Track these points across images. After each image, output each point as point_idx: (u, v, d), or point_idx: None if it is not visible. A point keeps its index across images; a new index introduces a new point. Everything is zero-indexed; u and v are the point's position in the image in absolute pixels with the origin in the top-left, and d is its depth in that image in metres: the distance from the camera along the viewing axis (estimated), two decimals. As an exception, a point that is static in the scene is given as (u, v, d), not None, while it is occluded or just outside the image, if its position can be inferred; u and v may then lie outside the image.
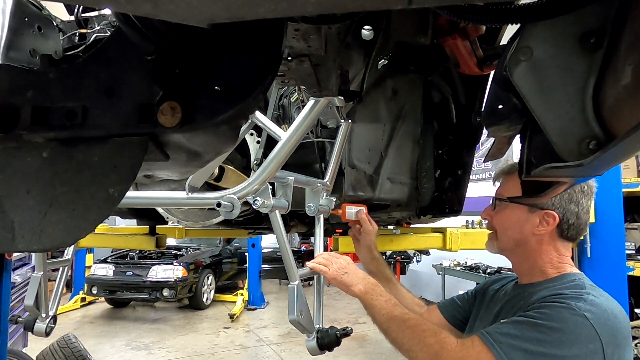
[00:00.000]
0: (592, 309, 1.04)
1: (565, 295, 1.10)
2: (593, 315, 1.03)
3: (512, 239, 1.29)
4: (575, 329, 1.01)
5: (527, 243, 1.27)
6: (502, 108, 0.75)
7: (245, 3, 0.45)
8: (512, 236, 1.29)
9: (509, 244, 1.30)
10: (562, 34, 0.63)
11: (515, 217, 1.28)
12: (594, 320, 1.02)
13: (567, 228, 1.24)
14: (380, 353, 6.04)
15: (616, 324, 1.05)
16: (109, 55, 0.70)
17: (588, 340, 1.00)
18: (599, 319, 1.03)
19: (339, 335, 1.53)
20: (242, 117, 0.70)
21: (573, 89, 0.63)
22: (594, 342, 1.00)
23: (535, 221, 1.24)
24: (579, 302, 1.05)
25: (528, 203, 1.24)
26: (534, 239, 1.26)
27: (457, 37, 1.42)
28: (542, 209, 1.23)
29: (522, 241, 1.27)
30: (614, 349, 1.02)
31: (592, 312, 1.03)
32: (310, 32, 0.87)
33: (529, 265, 1.29)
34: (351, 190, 2.00)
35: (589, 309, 1.04)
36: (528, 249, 1.27)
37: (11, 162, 0.69)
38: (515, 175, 1.31)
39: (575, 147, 0.63)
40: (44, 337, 2.08)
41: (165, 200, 1.58)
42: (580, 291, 1.12)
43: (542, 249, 1.26)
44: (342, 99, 1.34)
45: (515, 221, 1.28)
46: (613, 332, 1.03)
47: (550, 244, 1.26)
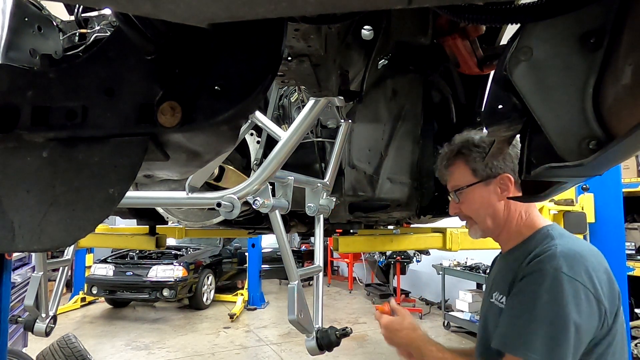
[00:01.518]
0: (562, 261, 1.12)
1: (539, 258, 1.16)
2: (567, 266, 1.11)
3: (487, 215, 1.35)
4: (562, 288, 1.09)
5: (499, 212, 1.33)
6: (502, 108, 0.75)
7: (245, 3, 0.45)
8: (486, 213, 1.35)
9: (487, 221, 1.35)
10: (562, 34, 0.63)
11: (478, 196, 1.34)
12: (568, 270, 1.10)
13: None
14: (380, 353, 6.04)
15: (583, 261, 1.13)
16: (109, 55, 0.70)
17: (575, 290, 1.09)
18: (572, 267, 1.11)
19: (339, 336, 1.53)
20: (242, 117, 0.70)
21: (573, 89, 0.63)
22: (579, 287, 1.09)
23: (497, 190, 1.31)
24: (552, 261, 1.13)
25: (481, 179, 1.32)
26: (502, 205, 1.32)
27: (457, 37, 1.42)
28: (494, 177, 1.31)
29: (495, 214, 1.33)
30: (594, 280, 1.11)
31: (565, 263, 1.11)
32: (310, 32, 0.87)
33: (507, 233, 1.35)
34: (351, 190, 2.00)
35: (560, 263, 1.11)
36: (502, 218, 1.33)
37: (11, 162, 0.69)
38: (456, 163, 1.38)
39: (575, 147, 0.63)
40: (44, 337, 2.08)
41: (165, 200, 1.58)
42: (549, 244, 1.19)
43: (511, 212, 1.32)
44: (342, 99, 1.34)
45: (480, 200, 1.34)
46: (585, 269, 1.11)
47: (517, 205, 1.32)
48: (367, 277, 11.12)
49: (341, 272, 13.15)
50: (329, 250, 10.15)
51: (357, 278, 11.58)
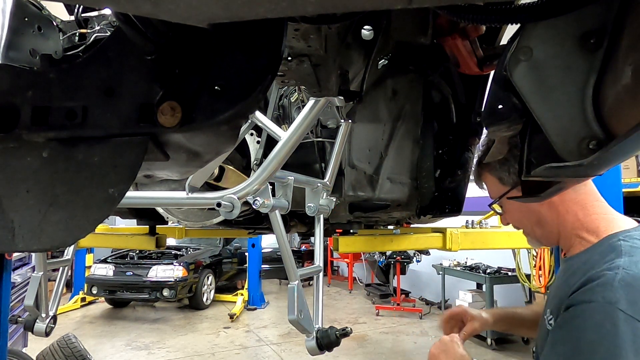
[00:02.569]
0: (621, 293, 0.88)
1: (590, 285, 0.93)
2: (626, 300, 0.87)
3: (532, 224, 1.20)
4: (617, 330, 0.85)
5: (545, 217, 1.16)
6: (502, 108, 0.75)
7: (245, 3, 0.45)
8: (530, 221, 1.20)
9: (535, 230, 1.21)
10: (562, 34, 0.63)
11: (516, 205, 1.20)
12: (627, 306, 0.87)
13: None
14: (380, 353, 6.04)
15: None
16: (109, 55, 0.70)
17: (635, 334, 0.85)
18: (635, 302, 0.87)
19: (339, 336, 1.53)
20: (242, 117, 0.70)
21: (573, 89, 0.63)
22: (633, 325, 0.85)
23: None
24: (607, 291, 0.89)
25: (511, 186, 1.17)
26: (546, 211, 1.15)
27: (457, 37, 1.42)
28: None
29: (540, 219, 1.17)
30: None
31: (624, 295, 0.87)
32: (310, 32, 0.87)
33: (565, 238, 1.15)
34: (351, 190, 2.00)
35: (616, 296, 0.88)
36: (552, 222, 1.15)
37: (11, 162, 0.69)
38: (484, 174, 1.26)
39: (575, 147, 0.63)
40: (44, 337, 2.08)
41: (165, 200, 1.58)
42: (610, 266, 0.94)
43: (562, 216, 1.13)
44: (342, 99, 1.34)
45: (519, 208, 1.20)
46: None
47: (564, 204, 1.12)
48: (367, 277, 11.12)
49: (341, 272, 13.15)
50: (329, 250, 10.15)
51: (357, 278, 11.58)
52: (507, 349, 6.19)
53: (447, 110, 2.32)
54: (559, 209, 1.13)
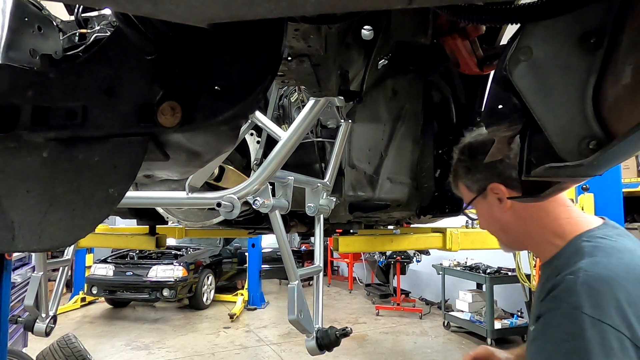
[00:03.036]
0: (584, 297, 0.88)
1: (555, 292, 0.94)
2: (590, 303, 0.87)
3: (498, 230, 1.20)
4: (584, 335, 0.85)
5: (509, 224, 1.15)
6: (502, 108, 0.75)
7: (245, 3, 0.45)
8: (495, 227, 1.20)
9: (501, 236, 1.21)
10: (562, 34, 0.63)
11: (483, 211, 1.21)
12: (592, 309, 0.86)
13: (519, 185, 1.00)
14: (380, 353, 6.04)
15: (616, 291, 0.88)
16: (109, 55, 0.70)
17: (602, 337, 0.84)
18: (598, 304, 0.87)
19: (339, 336, 1.53)
20: (242, 117, 0.70)
21: (573, 89, 0.63)
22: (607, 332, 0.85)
23: (495, 201, 1.14)
24: (570, 297, 0.90)
25: (477, 193, 1.17)
26: (509, 217, 1.14)
27: (457, 37, 1.42)
28: (484, 189, 1.15)
29: (505, 226, 1.17)
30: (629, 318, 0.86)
31: (587, 299, 0.87)
32: (310, 32, 0.87)
33: (534, 245, 1.16)
34: (351, 190, 2.00)
35: (580, 300, 0.88)
36: (517, 229, 1.15)
37: (11, 162, 0.69)
38: (457, 182, 1.25)
39: (575, 147, 0.63)
40: (44, 337, 2.08)
41: (165, 200, 1.58)
42: (572, 270, 0.94)
43: (527, 223, 1.13)
44: (342, 99, 1.34)
45: (486, 214, 1.20)
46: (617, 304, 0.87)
47: (527, 210, 1.11)
48: (367, 277, 11.12)
49: (341, 272, 13.15)
50: (329, 250, 10.15)
51: (357, 278, 11.58)
52: (506, 348, 6.19)
53: (447, 110, 2.32)
54: (522, 216, 1.12)
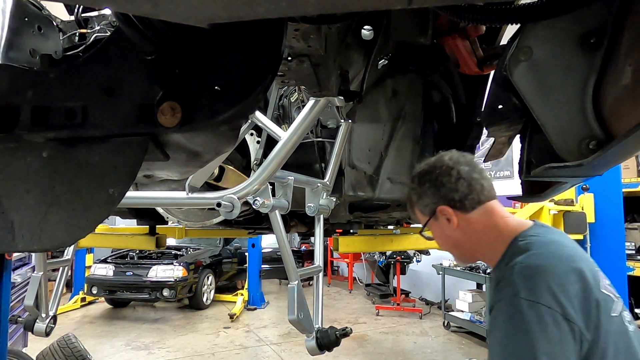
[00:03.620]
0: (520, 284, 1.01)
1: (499, 286, 1.08)
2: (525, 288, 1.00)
3: (451, 247, 1.33)
4: (522, 317, 0.98)
5: (459, 242, 1.28)
6: (502, 108, 0.75)
7: (245, 3, 0.45)
8: (448, 246, 1.33)
9: (454, 252, 1.34)
10: (562, 34, 0.64)
11: (436, 232, 1.33)
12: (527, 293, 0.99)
13: (462, 203, 1.23)
14: (380, 353, 6.04)
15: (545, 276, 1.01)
16: (109, 55, 0.70)
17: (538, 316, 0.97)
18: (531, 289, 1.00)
19: (339, 336, 1.53)
20: (242, 117, 0.70)
21: (573, 89, 0.63)
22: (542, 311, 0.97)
23: (444, 222, 1.27)
24: (509, 287, 1.03)
25: (429, 216, 1.29)
26: (462, 234, 1.26)
27: (457, 37, 1.42)
28: (434, 212, 1.27)
29: (456, 244, 1.30)
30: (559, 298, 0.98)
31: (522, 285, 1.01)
32: (310, 32, 0.87)
33: (482, 254, 1.29)
34: (351, 190, 2.00)
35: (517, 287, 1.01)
36: (466, 245, 1.28)
37: (11, 162, 0.69)
38: (413, 209, 1.36)
39: (575, 147, 0.63)
40: (44, 337, 2.08)
41: (165, 200, 1.58)
42: (510, 265, 1.08)
43: (473, 237, 1.25)
44: (342, 99, 1.34)
45: (438, 235, 1.33)
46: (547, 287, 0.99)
47: (475, 226, 1.24)
48: (367, 277, 11.11)
49: (341, 272, 13.15)
50: (329, 250, 10.14)
51: (357, 278, 11.58)
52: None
53: (447, 110, 2.32)
54: (469, 231, 1.25)
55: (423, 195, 1.28)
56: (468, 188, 1.22)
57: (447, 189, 1.23)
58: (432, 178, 1.25)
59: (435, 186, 1.25)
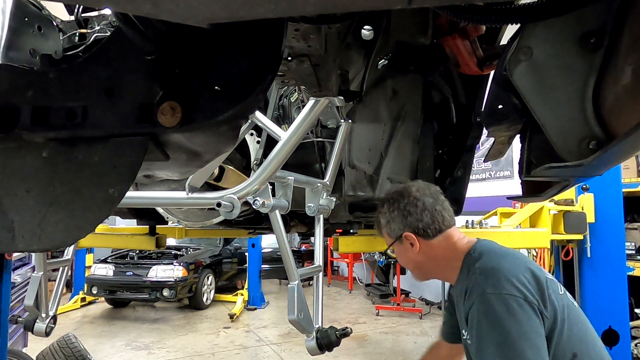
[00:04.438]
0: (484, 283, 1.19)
1: (470, 292, 1.23)
2: (489, 285, 1.17)
3: (413, 268, 1.49)
4: (493, 308, 1.14)
5: (420, 263, 1.44)
6: (502, 108, 0.75)
7: (245, 3, 0.45)
8: (410, 266, 1.49)
9: (415, 272, 1.51)
10: (562, 34, 0.63)
11: (399, 253, 1.48)
12: (492, 289, 1.16)
13: (425, 231, 1.39)
14: (380, 353, 6.04)
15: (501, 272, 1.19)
16: (109, 55, 0.70)
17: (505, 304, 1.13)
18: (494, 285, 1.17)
19: (339, 336, 1.53)
20: (242, 117, 0.70)
21: (573, 89, 0.63)
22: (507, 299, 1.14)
23: (408, 246, 1.42)
24: (478, 287, 1.20)
25: (394, 239, 1.44)
26: (423, 258, 1.42)
27: (457, 37, 1.42)
28: (399, 237, 1.42)
29: (417, 264, 1.46)
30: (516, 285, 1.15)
31: (487, 283, 1.19)
32: (310, 32, 0.87)
33: (442, 273, 1.46)
34: (351, 190, 2.00)
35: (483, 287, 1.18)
36: (427, 266, 1.45)
37: (11, 162, 0.69)
38: (381, 230, 1.52)
39: (575, 147, 0.63)
40: (44, 337, 2.08)
41: (165, 200, 1.58)
42: (473, 273, 1.26)
43: (432, 259, 1.42)
44: (342, 99, 1.34)
45: (401, 255, 1.48)
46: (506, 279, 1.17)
47: (434, 251, 1.40)
48: (367, 277, 11.11)
49: (341, 272, 13.14)
50: (329, 250, 10.13)
51: (357, 278, 11.58)
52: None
53: (447, 110, 2.32)
54: (430, 255, 1.41)
55: (391, 220, 1.43)
56: (431, 218, 1.39)
57: (413, 218, 1.39)
58: (400, 207, 1.41)
59: (403, 215, 1.41)
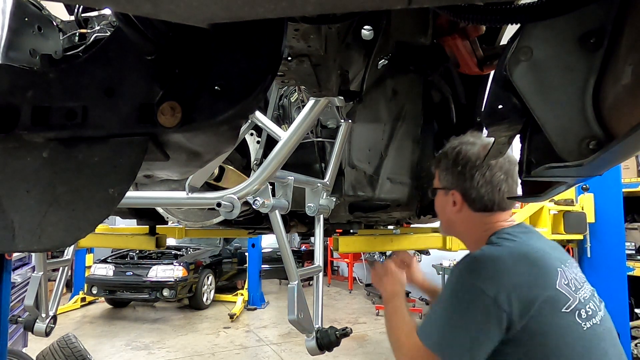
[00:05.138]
0: (469, 263, 1.18)
1: (458, 264, 1.22)
2: (468, 268, 1.17)
3: (443, 220, 1.45)
4: (452, 284, 1.17)
5: (454, 223, 1.40)
6: (502, 108, 0.75)
7: (245, 3, 0.45)
8: (442, 217, 1.44)
9: (443, 225, 1.47)
10: (562, 34, 0.63)
11: (439, 201, 1.43)
12: (468, 271, 1.16)
13: (473, 202, 1.32)
14: (380, 353, 6.04)
15: (494, 264, 1.15)
16: (109, 55, 0.70)
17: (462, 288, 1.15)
18: (474, 270, 1.15)
19: (339, 336, 1.53)
20: (242, 117, 0.70)
21: (573, 89, 0.63)
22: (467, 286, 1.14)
23: (450, 202, 1.37)
24: (460, 263, 1.19)
25: (443, 187, 1.39)
26: (457, 219, 1.38)
27: (457, 37, 1.42)
28: (449, 189, 1.37)
29: (449, 222, 1.42)
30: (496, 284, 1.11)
31: (469, 265, 1.18)
32: (310, 32, 0.87)
33: (469, 242, 1.41)
34: (351, 190, 2.00)
35: (464, 264, 1.18)
36: (458, 229, 1.42)
37: (11, 162, 0.69)
38: (436, 169, 1.45)
39: (575, 147, 0.63)
40: (44, 337, 2.08)
41: (165, 200, 1.58)
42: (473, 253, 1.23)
43: (469, 227, 1.37)
44: (342, 99, 1.34)
45: (440, 204, 1.43)
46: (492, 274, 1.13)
47: (471, 220, 1.35)
48: (367, 277, 11.10)
49: (341, 272, 13.14)
50: (329, 250, 10.13)
51: (357, 278, 11.58)
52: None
53: (447, 110, 2.32)
54: (465, 220, 1.36)
55: (449, 170, 1.36)
56: (488, 195, 1.30)
57: (472, 184, 1.31)
58: (467, 166, 1.31)
59: (464, 175, 1.32)
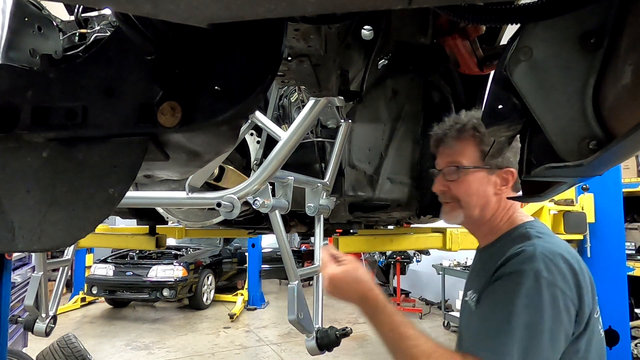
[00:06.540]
0: (542, 264, 1.05)
1: (517, 259, 1.09)
2: (546, 270, 1.05)
3: (478, 205, 1.26)
4: (541, 293, 1.03)
5: (490, 205, 1.25)
6: (502, 108, 0.75)
7: (245, 3, 0.45)
8: (477, 201, 1.25)
9: (475, 210, 1.26)
10: (562, 33, 0.63)
11: (477, 182, 1.25)
12: (548, 274, 1.04)
13: (517, 183, 1.24)
14: (380, 353, 6.04)
15: (562, 263, 1.07)
16: (109, 55, 0.70)
17: (553, 297, 1.03)
18: (551, 271, 1.05)
19: (339, 336, 1.53)
20: (242, 117, 0.70)
21: (573, 89, 0.63)
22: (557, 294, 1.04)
23: (497, 182, 1.24)
24: (532, 263, 1.06)
25: (488, 166, 1.24)
26: (495, 199, 1.25)
27: (457, 37, 1.42)
28: (500, 168, 1.23)
29: (485, 205, 1.25)
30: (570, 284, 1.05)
31: (544, 266, 1.05)
32: (310, 32, 0.87)
33: (488, 227, 1.28)
34: (351, 190, 2.00)
35: (539, 266, 1.05)
36: (490, 211, 1.26)
37: (11, 162, 0.69)
38: (467, 139, 1.27)
39: (575, 147, 0.63)
40: (44, 337, 2.08)
41: (165, 200, 1.58)
42: (527, 244, 1.11)
43: (500, 208, 1.26)
44: (342, 99, 1.34)
45: (478, 186, 1.25)
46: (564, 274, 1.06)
47: (504, 203, 1.25)
48: (367, 277, 11.11)
49: (341, 272, 13.14)
50: (329, 249, 10.10)
51: (357, 278, 11.57)
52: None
53: (447, 110, 2.32)
54: (500, 203, 1.26)
55: (499, 148, 1.19)
56: None
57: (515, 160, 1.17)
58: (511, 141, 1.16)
59: (513, 149, 1.16)
